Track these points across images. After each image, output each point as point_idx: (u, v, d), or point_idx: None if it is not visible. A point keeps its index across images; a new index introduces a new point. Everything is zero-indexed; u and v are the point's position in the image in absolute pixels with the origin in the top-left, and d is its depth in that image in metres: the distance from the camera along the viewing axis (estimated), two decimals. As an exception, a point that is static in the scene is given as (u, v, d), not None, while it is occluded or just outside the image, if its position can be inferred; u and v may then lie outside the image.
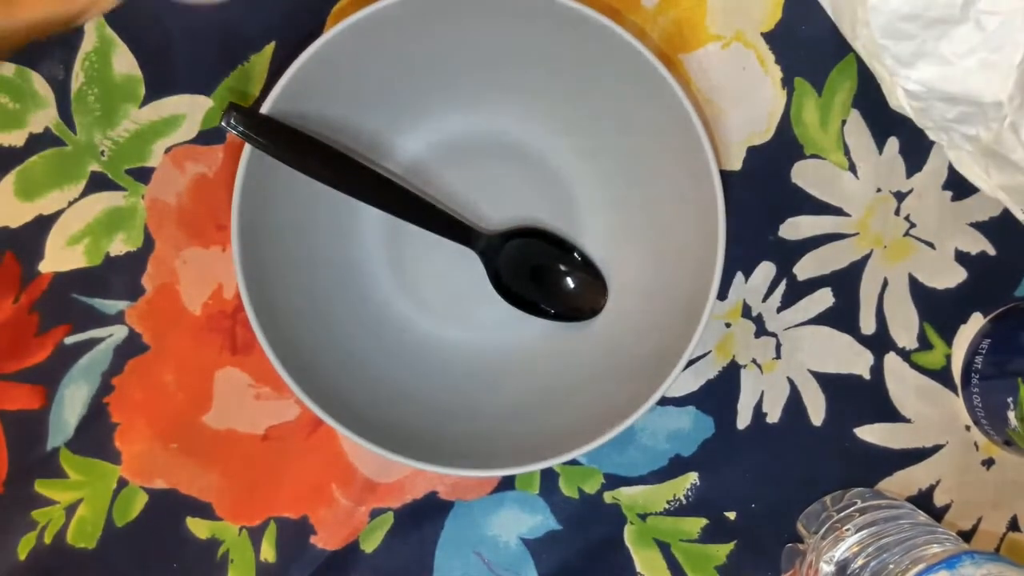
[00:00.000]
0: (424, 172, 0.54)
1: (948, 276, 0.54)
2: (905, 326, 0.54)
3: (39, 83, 0.53)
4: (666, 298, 0.51)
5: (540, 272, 0.54)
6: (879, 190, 0.53)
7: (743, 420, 0.54)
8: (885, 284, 0.54)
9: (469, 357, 0.54)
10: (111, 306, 0.54)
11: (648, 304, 0.52)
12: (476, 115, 0.53)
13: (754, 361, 0.54)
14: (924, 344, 0.54)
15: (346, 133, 0.51)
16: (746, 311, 0.54)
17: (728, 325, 0.54)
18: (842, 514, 0.50)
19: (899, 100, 0.48)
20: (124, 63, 0.53)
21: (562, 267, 0.54)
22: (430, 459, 0.49)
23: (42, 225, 0.53)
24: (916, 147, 0.53)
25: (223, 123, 0.47)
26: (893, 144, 0.53)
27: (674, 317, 0.50)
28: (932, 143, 0.53)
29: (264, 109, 0.48)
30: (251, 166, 0.48)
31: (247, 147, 0.48)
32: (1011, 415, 0.49)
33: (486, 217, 0.54)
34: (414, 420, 0.51)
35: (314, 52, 0.48)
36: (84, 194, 0.53)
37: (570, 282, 0.54)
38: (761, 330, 0.54)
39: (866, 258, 0.54)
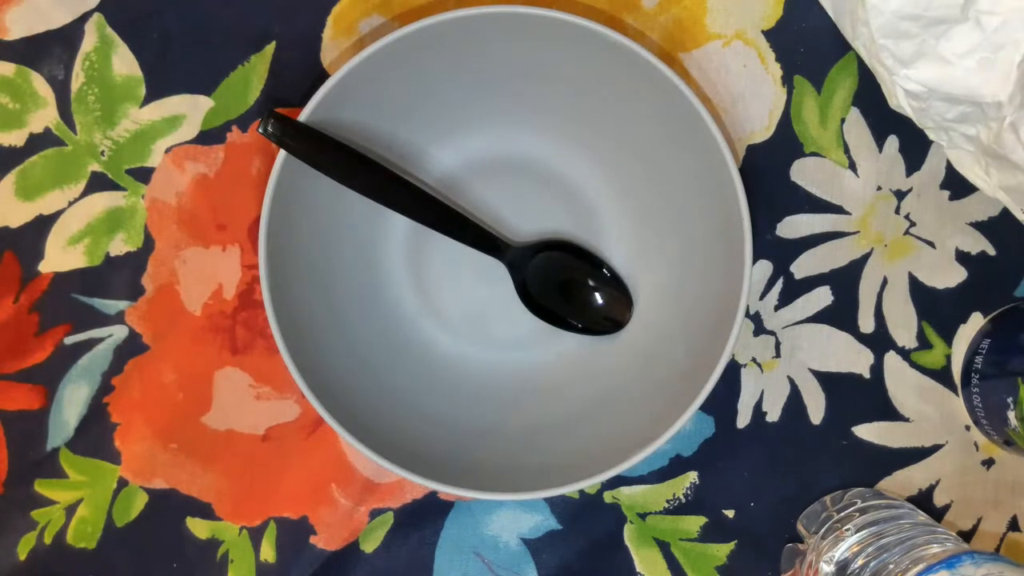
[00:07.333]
0: (454, 185, 0.54)
1: (948, 275, 0.54)
2: (905, 325, 0.54)
3: (39, 83, 0.53)
4: (691, 310, 0.51)
5: (567, 285, 0.54)
6: (879, 188, 0.53)
7: (743, 419, 0.54)
8: (884, 283, 0.54)
9: (489, 376, 0.54)
10: (111, 306, 0.54)
11: (674, 316, 0.52)
12: (507, 134, 0.53)
13: (754, 360, 0.54)
14: (924, 343, 0.54)
15: (379, 143, 0.51)
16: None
17: (728, 324, 0.54)
18: (842, 514, 0.50)
19: (899, 100, 0.48)
20: (124, 63, 0.53)
21: (590, 281, 0.54)
22: (452, 481, 0.49)
23: (42, 225, 0.53)
24: (916, 146, 0.53)
25: (260, 130, 0.47)
26: (893, 142, 0.53)
27: (700, 328, 0.50)
28: (931, 141, 0.53)
29: (302, 117, 0.48)
30: (284, 173, 0.48)
31: (281, 153, 0.48)
32: (1011, 415, 0.49)
33: (514, 230, 0.54)
34: (436, 439, 0.51)
35: (355, 65, 0.47)
36: (84, 194, 0.53)
37: (597, 296, 0.54)
38: (760, 328, 0.54)
39: (866, 257, 0.54)
